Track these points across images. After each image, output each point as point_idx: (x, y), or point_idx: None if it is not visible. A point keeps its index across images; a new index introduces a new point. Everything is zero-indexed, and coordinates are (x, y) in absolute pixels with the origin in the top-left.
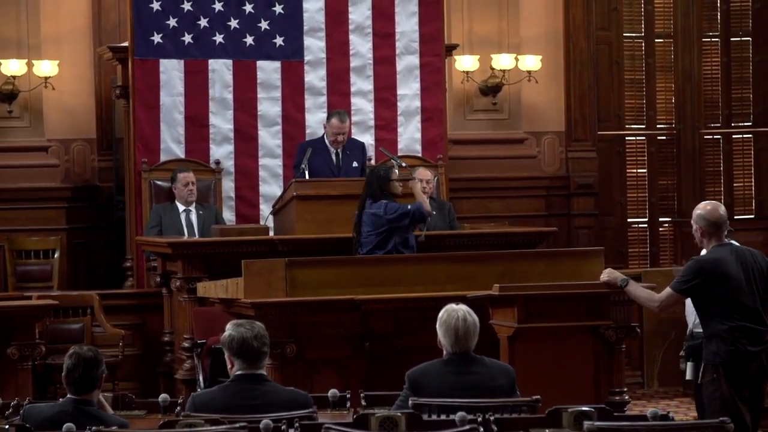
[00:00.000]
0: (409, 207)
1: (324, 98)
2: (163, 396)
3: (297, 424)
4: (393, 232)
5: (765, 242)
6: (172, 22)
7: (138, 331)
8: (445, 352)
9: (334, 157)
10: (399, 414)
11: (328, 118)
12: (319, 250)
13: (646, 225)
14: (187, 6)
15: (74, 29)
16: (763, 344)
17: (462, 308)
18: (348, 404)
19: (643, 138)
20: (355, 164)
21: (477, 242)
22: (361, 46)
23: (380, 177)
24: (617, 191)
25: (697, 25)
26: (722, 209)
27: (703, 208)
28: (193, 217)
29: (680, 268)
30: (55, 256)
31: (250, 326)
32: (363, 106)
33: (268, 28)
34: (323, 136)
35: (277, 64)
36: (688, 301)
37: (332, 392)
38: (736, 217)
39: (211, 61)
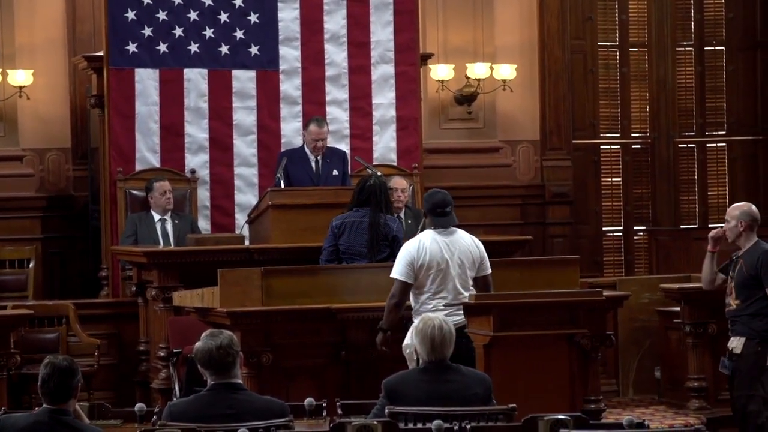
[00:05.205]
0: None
1: (299, 107)
2: (139, 405)
3: None
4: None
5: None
6: (147, 31)
7: (113, 341)
8: (421, 361)
9: (313, 165)
10: (375, 422)
11: (306, 125)
12: (295, 259)
13: (621, 233)
14: (162, 15)
15: (49, 38)
16: None
17: (438, 317)
18: (324, 413)
19: (618, 147)
20: (335, 172)
21: None
22: (337, 56)
23: (387, 189)
24: (592, 200)
25: (672, 34)
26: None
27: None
28: (169, 227)
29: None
30: (30, 265)
31: (216, 337)
32: (338, 115)
33: (243, 37)
34: (303, 144)
35: (252, 74)
36: None
37: (308, 401)
38: (710, 225)
39: (186, 71)
